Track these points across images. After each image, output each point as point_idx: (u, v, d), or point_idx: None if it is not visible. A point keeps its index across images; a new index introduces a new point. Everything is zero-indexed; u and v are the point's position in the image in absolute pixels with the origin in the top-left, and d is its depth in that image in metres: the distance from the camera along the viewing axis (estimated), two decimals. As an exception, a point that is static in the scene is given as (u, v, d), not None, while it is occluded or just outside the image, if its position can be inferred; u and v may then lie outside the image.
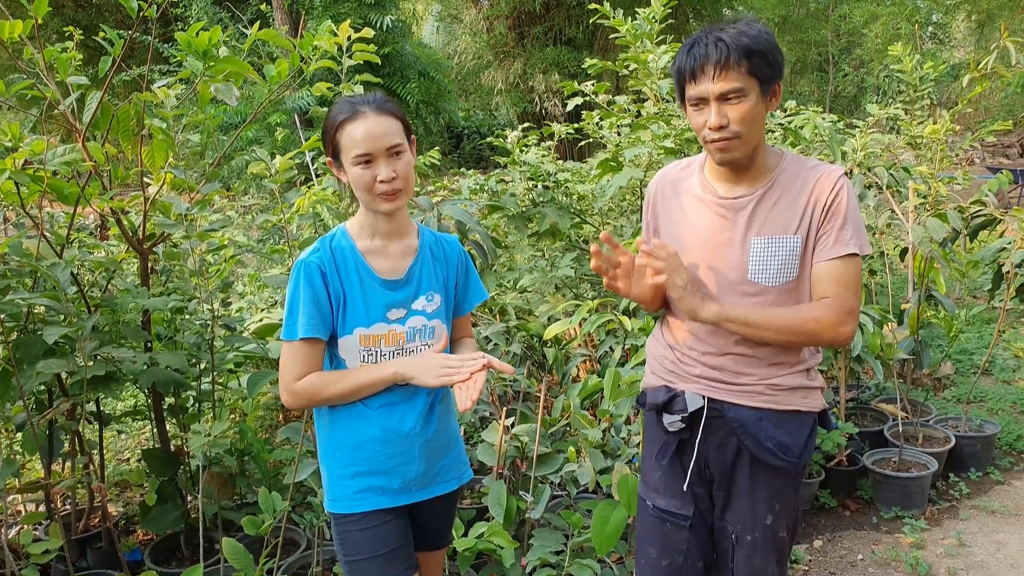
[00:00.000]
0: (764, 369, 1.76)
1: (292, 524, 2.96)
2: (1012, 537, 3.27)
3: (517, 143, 3.89)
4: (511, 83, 15.37)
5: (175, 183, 2.75)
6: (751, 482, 1.82)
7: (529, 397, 3.23)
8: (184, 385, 2.86)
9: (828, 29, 18.63)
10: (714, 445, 1.83)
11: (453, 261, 1.88)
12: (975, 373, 4.64)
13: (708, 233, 1.76)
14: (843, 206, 1.68)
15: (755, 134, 1.67)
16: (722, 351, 1.77)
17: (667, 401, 1.84)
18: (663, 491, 1.91)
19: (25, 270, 2.50)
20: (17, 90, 2.50)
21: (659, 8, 3.81)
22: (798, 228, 1.69)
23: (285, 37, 2.65)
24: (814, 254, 1.71)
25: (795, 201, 1.70)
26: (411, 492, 1.82)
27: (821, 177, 1.70)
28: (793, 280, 1.71)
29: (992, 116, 15.37)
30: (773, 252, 1.70)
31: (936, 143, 3.95)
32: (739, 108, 1.62)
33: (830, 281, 1.69)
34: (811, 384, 1.80)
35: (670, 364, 1.87)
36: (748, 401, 1.77)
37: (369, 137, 1.65)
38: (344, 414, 1.77)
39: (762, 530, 1.83)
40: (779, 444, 1.76)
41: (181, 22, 11.86)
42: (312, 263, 1.70)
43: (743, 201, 1.73)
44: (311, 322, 1.68)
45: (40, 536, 2.82)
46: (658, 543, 1.93)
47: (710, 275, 1.76)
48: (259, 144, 9.48)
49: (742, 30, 1.62)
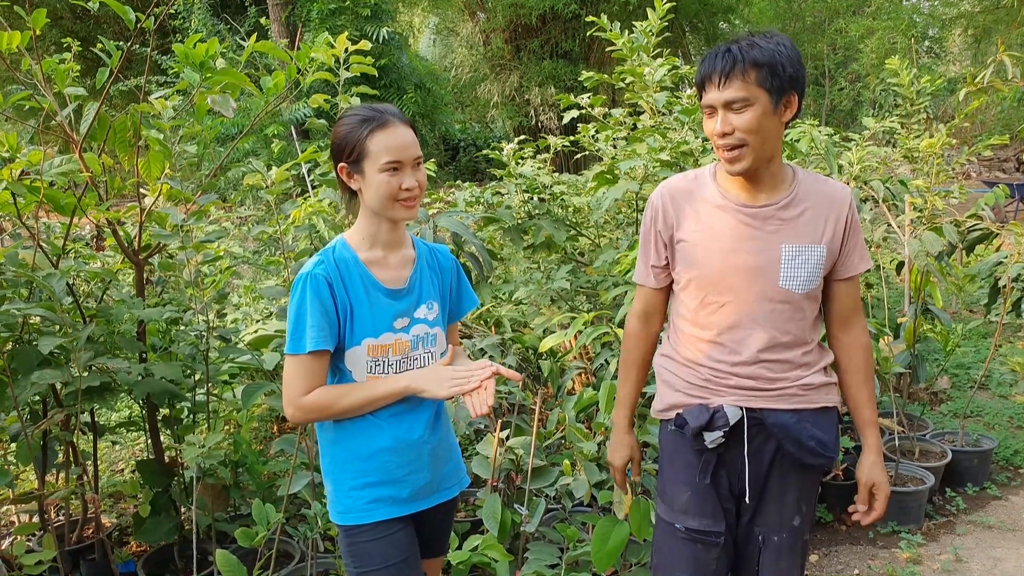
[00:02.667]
0: (795, 371, 1.80)
1: (286, 536, 2.95)
2: (1009, 553, 3.26)
3: (513, 155, 3.90)
4: (507, 96, 15.44)
5: (171, 194, 2.76)
6: (782, 485, 1.84)
7: (524, 410, 3.22)
8: (179, 396, 2.86)
9: (824, 43, 18.74)
10: (751, 454, 1.83)
11: (447, 270, 1.92)
12: (972, 387, 4.64)
13: (734, 240, 1.75)
14: (857, 222, 1.79)
15: (765, 144, 1.68)
16: (754, 359, 1.78)
17: (709, 419, 1.80)
18: (694, 511, 1.86)
19: (21, 280, 2.50)
20: (15, 101, 2.51)
21: (655, 21, 3.83)
22: (822, 238, 1.75)
23: (282, 49, 2.66)
24: (838, 268, 1.81)
25: (818, 212, 1.76)
26: (419, 500, 1.84)
27: (838, 192, 1.78)
28: (815, 288, 1.78)
29: (989, 130, 15.44)
30: (803, 260, 1.74)
31: (932, 157, 3.97)
32: (744, 117, 1.65)
33: (852, 298, 1.85)
34: (831, 380, 1.86)
35: (699, 380, 1.84)
36: (786, 404, 1.80)
37: (401, 146, 1.69)
38: (352, 426, 1.76)
39: (789, 531, 1.86)
40: (819, 442, 1.81)
41: (179, 34, 11.90)
42: (319, 275, 1.69)
43: (770, 210, 1.75)
44: (320, 334, 1.67)
45: (33, 547, 2.80)
46: (689, 566, 1.88)
47: (738, 283, 1.75)
48: (255, 156, 9.50)
49: (755, 42, 1.66)
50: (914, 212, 3.84)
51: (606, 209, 3.65)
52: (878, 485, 1.87)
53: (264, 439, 4.11)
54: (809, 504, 1.89)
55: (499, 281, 4.28)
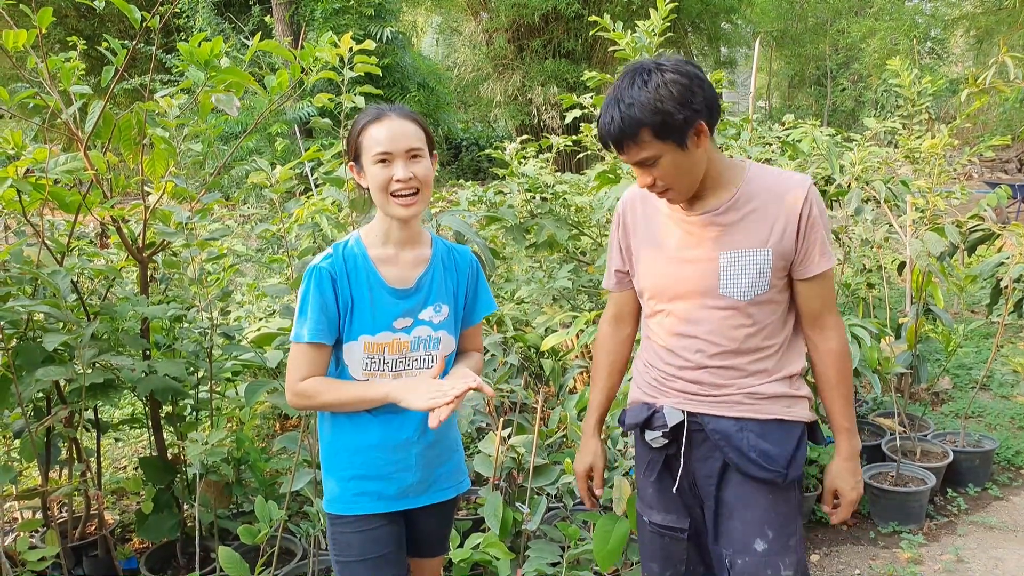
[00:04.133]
0: (744, 379, 1.75)
1: (288, 533, 2.96)
2: (1010, 554, 3.26)
3: (515, 155, 3.90)
4: (510, 95, 15.45)
5: (175, 192, 2.77)
6: (740, 501, 1.78)
7: (526, 408, 3.23)
8: (182, 393, 2.87)
9: (826, 43, 18.74)
10: (699, 460, 1.82)
11: (464, 271, 1.89)
12: (973, 388, 4.65)
13: (676, 249, 1.77)
14: (817, 218, 1.68)
15: (690, 178, 1.66)
16: (699, 364, 1.76)
17: (648, 418, 1.84)
18: (657, 506, 1.91)
19: (26, 277, 2.51)
20: (20, 99, 2.52)
21: (658, 21, 3.84)
22: (768, 240, 1.68)
23: (286, 48, 2.66)
24: (796, 268, 1.72)
25: (764, 214, 1.69)
26: (407, 498, 1.84)
27: (792, 189, 1.69)
28: (764, 293, 1.71)
29: (990, 131, 15.44)
30: (743, 266, 1.69)
31: (934, 157, 3.97)
32: (659, 169, 1.63)
33: (818, 299, 1.75)
34: (794, 393, 1.77)
35: (652, 380, 1.87)
36: (727, 411, 1.76)
37: (390, 136, 1.68)
38: (345, 419, 1.80)
39: (753, 555, 1.76)
40: (762, 453, 1.73)
41: (183, 32, 11.92)
42: (324, 269, 1.72)
43: (708, 216, 1.72)
44: (317, 328, 1.71)
45: (36, 543, 2.81)
46: (659, 557, 1.94)
47: (682, 291, 1.76)
48: (259, 154, 9.51)
49: (635, 99, 1.57)
50: (916, 213, 3.84)
51: (608, 208, 3.66)
52: (840, 491, 1.81)
53: (267, 436, 4.12)
54: (778, 528, 1.76)
55: (501, 280, 4.29)
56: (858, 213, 3.76)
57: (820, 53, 19.10)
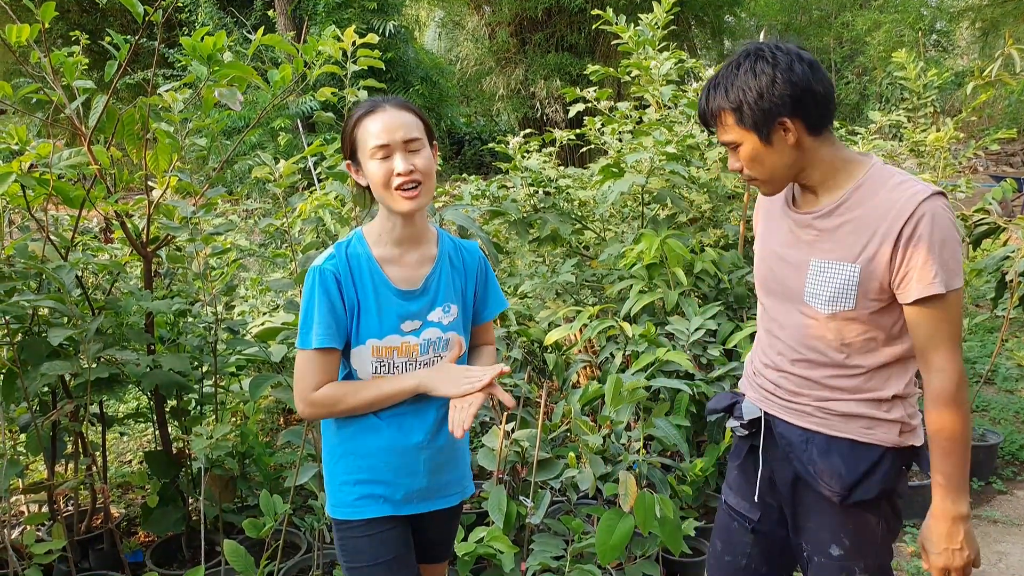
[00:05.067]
0: (819, 391, 1.69)
1: (293, 527, 2.97)
2: (1015, 548, 3.26)
3: (519, 149, 3.90)
4: (513, 89, 15.42)
5: (179, 187, 2.77)
6: (817, 504, 1.74)
7: (530, 403, 3.24)
8: (186, 388, 2.87)
9: (831, 36, 18.67)
10: (777, 459, 1.81)
11: (472, 269, 1.81)
12: (978, 382, 4.64)
13: (780, 245, 1.74)
14: (924, 237, 1.49)
15: (775, 171, 1.62)
16: (779, 367, 1.75)
17: (728, 406, 1.90)
18: (735, 490, 1.93)
19: (30, 272, 2.51)
20: (24, 94, 2.52)
21: (661, 15, 3.83)
22: (859, 256, 1.56)
23: (289, 42, 2.66)
24: (899, 293, 1.56)
25: (864, 225, 1.56)
26: (413, 504, 1.78)
27: (900, 203, 1.52)
28: (851, 310, 1.59)
29: (996, 124, 15.37)
30: (828, 277, 1.61)
31: (939, 151, 3.96)
32: (741, 155, 1.63)
33: (919, 328, 1.56)
34: (881, 416, 1.64)
35: (749, 371, 1.91)
36: (798, 420, 1.72)
37: (387, 128, 1.60)
38: (352, 423, 1.73)
39: (828, 558, 1.73)
40: (821, 471, 1.67)
41: (186, 27, 11.91)
42: (328, 270, 1.64)
43: (808, 218, 1.66)
44: (327, 332, 1.63)
45: (43, 537, 2.83)
46: (724, 538, 1.95)
47: (776, 289, 1.75)
48: (263, 148, 9.52)
49: (725, 81, 1.59)
50: (921, 206, 3.82)
51: (612, 202, 3.65)
52: (926, 550, 1.63)
53: (271, 431, 4.13)
54: (857, 541, 1.70)
55: (505, 274, 4.29)
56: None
57: (824, 46, 19.00)
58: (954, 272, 1.51)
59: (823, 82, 1.55)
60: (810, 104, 1.55)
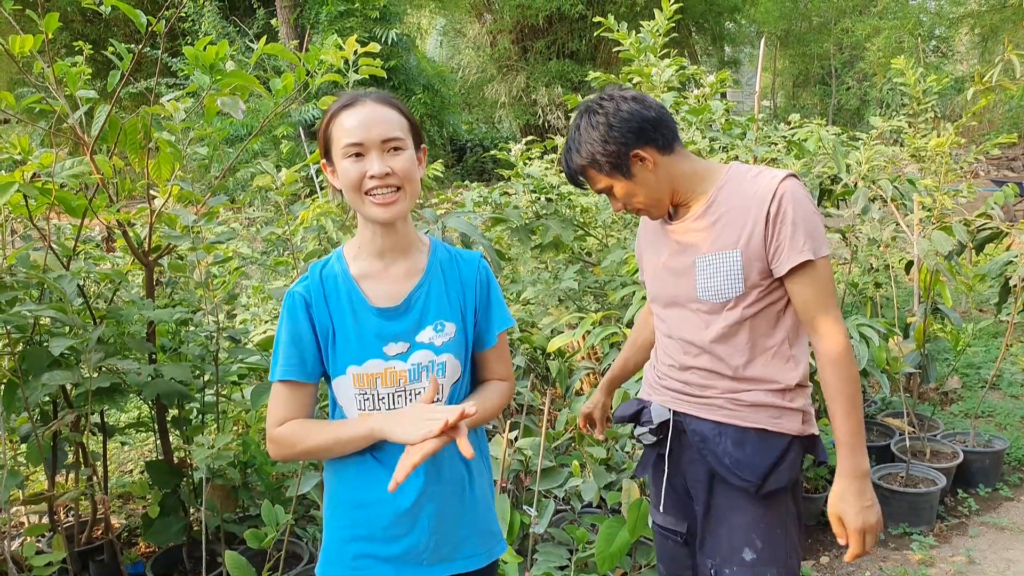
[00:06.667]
0: (728, 383, 1.74)
1: (295, 537, 2.95)
2: (1022, 555, 3.24)
3: (521, 156, 3.90)
4: (514, 96, 15.47)
5: (181, 195, 2.77)
6: (728, 507, 1.76)
7: (533, 410, 3.22)
8: (188, 397, 2.87)
9: (831, 43, 18.71)
10: (687, 462, 1.83)
11: (470, 282, 1.56)
12: (983, 387, 4.62)
13: (668, 257, 1.81)
14: (788, 211, 1.62)
15: (653, 198, 1.74)
16: (686, 365, 1.79)
17: (635, 413, 1.90)
18: (658, 507, 1.93)
19: (32, 282, 2.51)
20: (27, 104, 2.52)
21: (662, 22, 3.83)
22: (738, 242, 1.66)
23: (291, 51, 2.66)
24: (772, 267, 1.66)
25: (736, 216, 1.68)
26: (421, 567, 1.50)
27: (761, 188, 1.65)
28: (741, 296, 1.68)
29: (996, 129, 15.38)
30: (715, 269, 1.70)
31: (940, 156, 3.95)
32: (617, 196, 1.75)
33: (802, 298, 1.66)
34: (786, 404, 1.72)
35: (651, 378, 1.92)
36: (709, 415, 1.76)
37: (361, 124, 1.39)
38: (351, 465, 1.49)
39: (740, 565, 1.72)
40: (736, 462, 1.71)
41: (188, 36, 11.96)
42: (298, 294, 1.47)
43: (686, 224, 1.76)
44: (288, 363, 1.46)
45: (43, 548, 2.82)
46: (665, 558, 1.97)
47: (671, 298, 1.81)
48: (264, 157, 9.54)
49: (573, 144, 1.74)
50: (923, 211, 3.82)
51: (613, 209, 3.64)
52: (843, 518, 1.63)
53: (273, 440, 4.11)
54: (767, 539, 1.71)
55: (507, 281, 4.28)
56: (865, 212, 3.74)
57: (824, 52, 19.06)
58: (820, 240, 1.63)
59: (653, 107, 1.70)
60: (650, 130, 1.69)
